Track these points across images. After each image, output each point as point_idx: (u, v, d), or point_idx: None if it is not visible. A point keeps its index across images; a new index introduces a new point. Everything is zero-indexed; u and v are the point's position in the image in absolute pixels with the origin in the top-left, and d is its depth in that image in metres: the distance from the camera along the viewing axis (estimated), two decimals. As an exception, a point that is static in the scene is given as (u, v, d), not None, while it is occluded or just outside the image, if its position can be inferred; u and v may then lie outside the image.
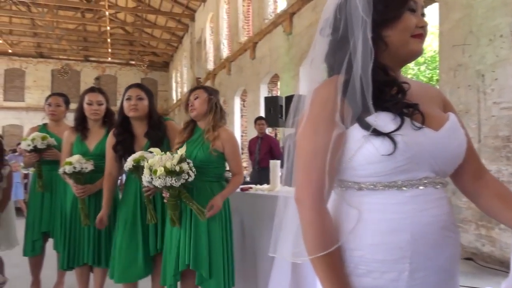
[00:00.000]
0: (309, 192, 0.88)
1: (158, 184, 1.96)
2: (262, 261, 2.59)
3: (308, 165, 0.89)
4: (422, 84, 1.09)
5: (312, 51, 1.00)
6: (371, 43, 0.88)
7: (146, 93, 2.45)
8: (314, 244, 0.87)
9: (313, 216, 0.88)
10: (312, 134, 0.89)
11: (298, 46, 8.25)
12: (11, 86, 22.43)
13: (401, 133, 0.85)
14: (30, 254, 2.97)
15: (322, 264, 0.87)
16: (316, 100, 0.90)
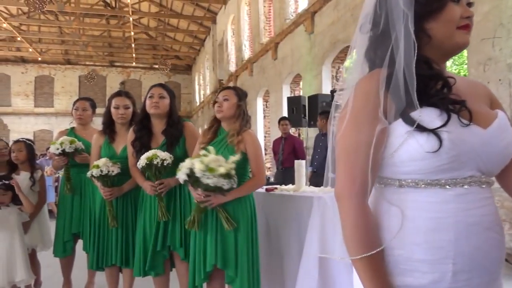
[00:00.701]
0: (352, 189, 0.86)
1: (211, 182, 1.96)
2: (288, 261, 2.57)
3: (351, 161, 0.87)
4: (467, 80, 1.05)
5: (352, 47, 0.99)
6: (413, 36, 0.85)
7: (168, 92, 2.51)
8: (357, 244, 0.85)
9: (356, 215, 0.85)
10: (355, 129, 0.87)
11: (320, 45, 8.18)
12: (41, 92, 23.23)
13: (447, 129, 0.82)
14: (61, 255, 3.05)
15: (365, 264, 0.84)
16: (359, 95, 0.88)
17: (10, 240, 2.76)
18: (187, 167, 2.01)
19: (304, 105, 7.37)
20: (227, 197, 2.11)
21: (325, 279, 2.39)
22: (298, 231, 2.54)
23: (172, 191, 2.46)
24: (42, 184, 3.11)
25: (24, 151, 3.04)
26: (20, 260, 2.74)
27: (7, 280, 2.71)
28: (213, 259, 2.14)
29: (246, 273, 2.18)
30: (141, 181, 2.45)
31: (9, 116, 22.49)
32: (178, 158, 2.32)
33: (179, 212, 2.45)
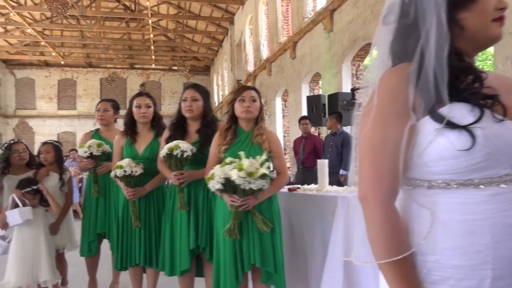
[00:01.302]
0: (379, 190, 0.82)
1: (255, 186, 1.97)
2: (312, 261, 2.54)
3: (378, 160, 0.82)
4: (495, 74, 0.99)
5: (375, 40, 0.94)
6: (446, 27, 0.80)
7: (201, 94, 2.53)
8: (384, 248, 0.80)
9: (383, 217, 0.81)
10: (382, 127, 0.82)
11: (340, 43, 8.09)
12: (64, 95, 23.79)
13: (480, 126, 0.77)
14: (86, 254, 3.10)
15: (393, 269, 0.80)
16: (385, 91, 0.84)
17: (35, 241, 2.82)
18: (221, 176, 2.00)
19: (324, 104, 7.30)
20: (258, 198, 2.11)
21: (350, 280, 2.34)
22: (322, 231, 2.51)
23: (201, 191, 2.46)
24: (70, 185, 3.18)
25: (52, 153, 3.12)
26: (45, 261, 2.80)
27: (32, 280, 2.77)
28: (251, 259, 2.14)
29: (282, 269, 2.19)
30: (168, 174, 2.47)
31: (34, 118, 23.11)
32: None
33: (207, 212, 2.45)
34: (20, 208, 2.74)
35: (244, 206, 2.08)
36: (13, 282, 2.75)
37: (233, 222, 2.13)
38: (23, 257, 2.77)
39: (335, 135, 5.70)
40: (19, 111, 23.15)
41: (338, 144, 5.56)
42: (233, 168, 2.01)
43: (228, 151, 2.25)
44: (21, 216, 2.71)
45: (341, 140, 5.57)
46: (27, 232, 2.82)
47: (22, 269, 2.75)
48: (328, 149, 5.63)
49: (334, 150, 5.54)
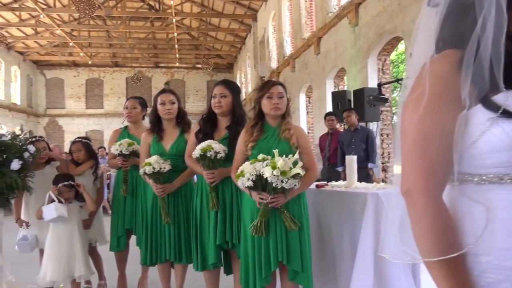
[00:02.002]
0: (427, 183, 0.77)
1: (287, 185, 1.96)
2: (341, 259, 2.50)
3: (427, 151, 0.77)
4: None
5: (418, 24, 0.88)
6: (506, 11, 0.74)
7: (231, 90, 2.53)
8: (433, 245, 0.76)
9: (432, 212, 0.76)
10: (430, 117, 0.77)
11: (366, 37, 7.93)
12: (91, 94, 24.40)
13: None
14: (115, 249, 3.16)
15: (443, 269, 0.75)
16: (435, 79, 0.78)
17: (70, 237, 2.89)
18: (252, 173, 1.99)
19: (349, 99, 7.19)
20: (287, 196, 2.10)
21: (381, 278, 2.29)
22: (351, 228, 2.46)
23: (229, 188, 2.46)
24: (101, 181, 3.27)
25: (83, 150, 3.20)
26: (80, 256, 2.87)
27: (67, 275, 2.84)
28: (279, 257, 2.12)
29: (309, 268, 2.16)
30: (199, 169, 2.48)
31: (64, 117, 23.81)
32: None
33: (236, 209, 2.44)
34: (56, 203, 2.82)
35: (274, 203, 2.07)
36: (48, 277, 2.83)
37: (260, 219, 2.11)
38: (58, 253, 2.85)
39: (356, 131, 5.62)
40: (49, 110, 23.90)
41: (363, 139, 5.48)
42: (266, 166, 1.99)
43: (255, 147, 2.23)
44: (56, 210, 2.78)
45: (365, 136, 5.49)
46: (62, 228, 2.89)
47: (58, 265, 2.83)
48: (351, 146, 5.54)
49: (359, 145, 5.46)
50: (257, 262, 2.18)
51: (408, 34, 6.42)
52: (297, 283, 2.21)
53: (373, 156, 5.45)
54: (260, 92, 2.31)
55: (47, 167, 3.19)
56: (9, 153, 2.84)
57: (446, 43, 0.83)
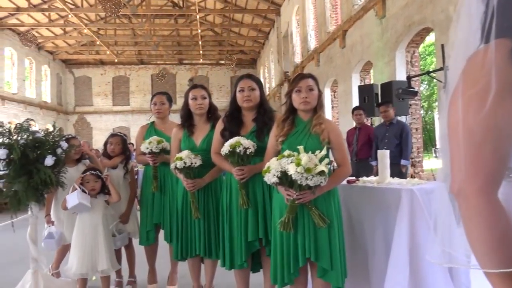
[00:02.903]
0: (483, 183, 0.70)
1: (312, 182, 1.92)
2: (374, 257, 2.44)
3: (482, 147, 0.71)
4: None
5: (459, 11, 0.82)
6: None
7: (257, 83, 2.49)
8: (492, 254, 0.68)
9: (489, 214, 0.69)
10: (487, 110, 0.72)
11: (393, 29, 7.73)
12: (118, 92, 24.90)
13: None
14: (145, 243, 3.20)
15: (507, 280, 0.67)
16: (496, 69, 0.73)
17: (94, 231, 2.93)
18: (277, 170, 1.96)
19: (377, 93, 7.03)
20: (316, 193, 2.04)
21: (417, 277, 2.22)
22: (384, 225, 2.39)
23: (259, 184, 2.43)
24: (132, 175, 3.32)
25: (120, 144, 3.27)
26: (103, 250, 2.91)
27: (91, 268, 2.89)
28: (307, 253, 2.09)
29: (339, 266, 2.11)
30: (228, 167, 2.45)
31: (92, 114, 24.41)
32: (266, 147, 2.32)
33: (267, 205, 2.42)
34: (78, 191, 2.87)
35: (300, 200, 2.03)
36: (74, 269, 2.89)
37: (287, 215, 2.08)
38: (82, 246, 2.90)
39: (391, 125, 5.46)
40: (78, 108, 24.54)
41: (397, 134, 5.32)
42: (290, 162, 1.95)
43: (285, 142, 2.19)
44: (78, 197, 2.83)
45: (400, 130, 5.33)
46: (87, 222, 2.94)
47: (82, 258, 2.88)
48: (384, 140, 5.39)
49: (392, 140, 5.30)
50: (285, 258, 2.15)
51: (439, 25, 6.21)
52: (326, 280, 2.17)
53: (406, 152, 5.26)
54: (290, 86, 2.26)
55: (80, 165, 3.27)
56: (43, 149, 2.91)
57: (497, 32, 0.76)
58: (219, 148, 2.46)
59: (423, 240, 2.24)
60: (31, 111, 19.39)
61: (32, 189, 2.82)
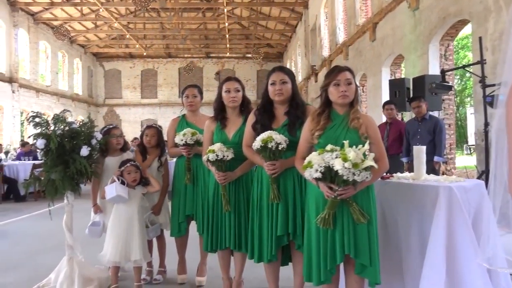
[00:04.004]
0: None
1: (359, 178, 1.89)
2: (408, 255, 2.37)
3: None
4: None
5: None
6: None
7: (289, 75, 2.46)
8: None
9: None
10: None
11: (427, 21, 7.49)
12: (146, 85, 25.34)
13: None
14: (176, 234, 3.24)
15: None
16: None
17: (129, 221, 3.00)
18: (321, 165, 1.92)
19: (408, 87, 6.84)
20: (357, 188, 2.01)
21: (453, 276, 2.15)
22: (419, 223, 2.32)
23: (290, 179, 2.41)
24: (166, 168, 3.36)
25: (156, 136, 3.31)
26: (137, 241, 2.97)
27: (124, 257, 2.96)
28: (345, 249, 2.06)
29: (377, 262, 2.08)
30: (260, 161, 2.43)
31: (121, 107, 24.97)
32: (298, 141, 2.29)
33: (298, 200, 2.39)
34: (117, 183, 2.93)
35: (342, 196, 1.99)
36: (108, 256, 2.96)
37: (328, 211, 2.04)
38: (118, 235, 2.97)
39: (423, 121, 5.30)
40: (108, 100, 25.15)
41: (430, 130, 5.17)
42: (335, 157, 1.91)
43: (322, 136, 2.14)
44: (116, 189, 2.89)
45: (433, 126, 5.17)
46: (123, 212, 3.01)
47: (116, 246, 2.95)
48: (417, 136, 5.25)
49: (425, 136, 5.15)
50: (322, 255, 2.11)
51: (476, 17, 5.97)
52: (364, 277, 2.13)
53: (440, 149, 5.11)
54: (327, 79, 2.20)
55: (124, 154, 3.32)
56: (78, 140, 2.99)
57: None
58: (250, 142, 2.44)
59: (460, 240, 2.16)
60: (63, 103, 20.00)
61: (68, 178, 2.91)
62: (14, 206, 8.03)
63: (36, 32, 18.34)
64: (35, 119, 2.93)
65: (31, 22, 17.85)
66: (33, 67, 18.13)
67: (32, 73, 18.03)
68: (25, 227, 5.62)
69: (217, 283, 3.08)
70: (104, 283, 3.11)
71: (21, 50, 17.27)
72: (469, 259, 2.13)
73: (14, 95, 16.27)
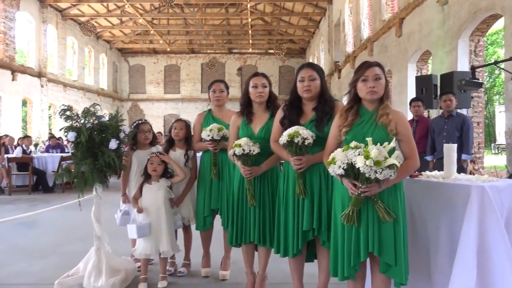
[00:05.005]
0: None
1: (381, 176, 1.87)
2: (437, 255, 2.32)
3: None
4: None
5: None
6: None
7: (318, 72, 2.44)
8: None
9: None
10: None
11: (456, 16, 7.28)
12: (169, 80, 25.63)
13: None
14: (202, 228, 3.27)
15: None
16: None
17: (157, 214, 3.06)
18: (344, 162, 1.91)
19: (436, 84, 6.68)
20: (382, 186, 1.97)
21: (485, 278, 2.09)
22: (449, 223, 2.27)
23: (317, 175, 2.40)
24: (194, 162, 3.40)
25: (184, 130, 3.35)
26: (165, 233, 3.04)
27: (154, 249, 3.04)
28: (370, 247, 2.03)
29: (403, 262, 2.04)
30: (286, 156, 2.43)
31: (144, 102, 25.37)
32: (326, 137, 2.27)
33: (324, 196, 2.38)
34: (137, 226, 2.99)
35: (366, 193, 1.97)
36: (139, 249, 3.05)
37: (352, 208, 2.02)
38: None
39: (450, 117, 5.15)
40: (132, 95, 25.58)
41: (458, 127, 5.03)
42: (358, 154, 1.89)
43: (349, 133, 2.12)
44: (137, 233, 2.99)
45: (461, 123, 5.03)
46: (150, 205, 3.07)
47: (147, 239, 3.03)
48: (443, 133, 5.12)
49: (452, 133, 5.02)
50: (346, 251, 2.10)
51: (509, 11, 5.76)
52: (389, 276, 2.10)
53: (467, 147, 4.97)
54: (355, 74, 2.17)
55: (153, 148, 3.39)
56: (107, 133, 3.05)
57: None
58: (278, 137, 2.44)
59: (493, 241, 2.10)
60: (89, 97, 20.47)
61: (97, 170, 2.97)
62: (43, 197, 8.29)
63: (64, 28, 18.79)
64: (66, 113, 3.01)
65: (59, 18, 18.30)
66: (60, 62, 18.60)
67: (60, 68, 18.51)
68: (53, 218, 5.79)
69: (240, 277, 3.10)
70: (130, 274, 3.17)
71: (50, 46, 17.74)
72: (502, 261, 2.07)
73: (43, 89, 16.74)
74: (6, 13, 14.33)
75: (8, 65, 14.34)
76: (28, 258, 3.85)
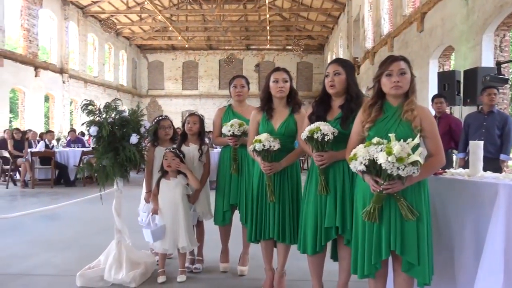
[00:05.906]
0: None
1: (404, 173, 1.83)
2: (461, 255, 2.26)
3: None
4: None
5: None
6: None
7: (344, 67, 2.40)
8: None
9: None
10: None
11: (481, 10, 7.07)
12: (187, 76, 25.80)
13: None
14: (221, 223, 3.28)
15: None
16: None
17: (175, 209, 3.08)
18: (365, 158, 1.88)
19: (459, 80, 6.52)
20: (405, 183, 1.93)
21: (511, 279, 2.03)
22: (475, 222, 2.20)
23: (340, 171, 2.37)
24: (207, 157, 3.39)
25: (198, 124, 3.35)
26: (183, 228, 3.06)
27: (172, 245, 3.06)
28: (391, 246, 1.99)
29: (427, 262, 2.00)
30: (309, 151, 2.41)
31: (163, 98, 25.61)
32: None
33: (347, 193, 2.35)
34: (152, 231, 3.01)
35: (388, 190, 1.93)
36: (158, 245, 3.07)
37: (373, 205, 1.99)
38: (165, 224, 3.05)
39: (491, 114, 4.89)
40: (151, 91, 25.85)
41: (499, 125, 4.80)
42: (380, 151, 1.85)
43: (372, 129, 2.08)
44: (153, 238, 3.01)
45: (503, 121, 4.79)
46: (167, 201, 3.10)
47: (165, 236, 3.05)
48: (481, 130, 4.87)
49: (492, 131, 4.80)
50: (366, 248, 2.07)
51: (538, 5, 5.56)
52: (412, 276, 2.06)
53: (507, 147, 4.76)
54: (380, 69, 2.12)
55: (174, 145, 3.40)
56: (128, 128, 3.08)
57: None
58: None
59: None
60: (109, 93, 20.77)
61: (118, 165, 3.01)
62: (65, 190, 8.47)
63: (85, 25, 19.10)
64: (88, 107, 3.05)
65: (80, 15, 18.61)
66: (81, 58, 18.93)
67: (81, 64, 18.84)
68: (74, 211, 5.90)
69: (259, 272, 3.10)
70: (150, 267, 3.21)
71: (71, 42, 18.06)
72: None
73: (64, 85, 17.08)
74: (30, 11, 14.65)
75: (31, 62, 14.67)
76: (50, 250, 3.93)
